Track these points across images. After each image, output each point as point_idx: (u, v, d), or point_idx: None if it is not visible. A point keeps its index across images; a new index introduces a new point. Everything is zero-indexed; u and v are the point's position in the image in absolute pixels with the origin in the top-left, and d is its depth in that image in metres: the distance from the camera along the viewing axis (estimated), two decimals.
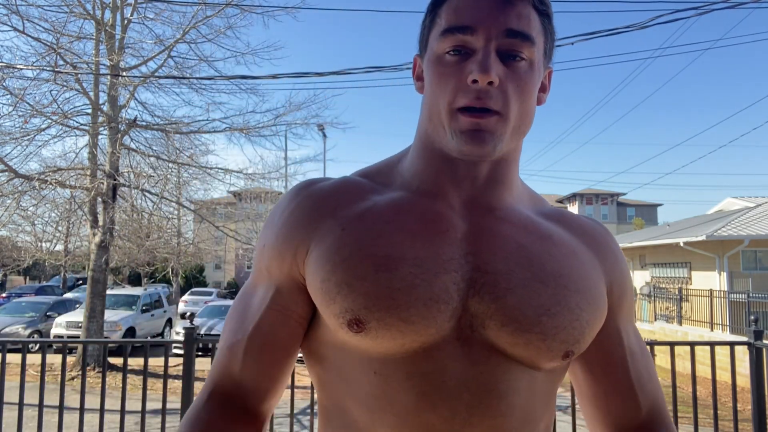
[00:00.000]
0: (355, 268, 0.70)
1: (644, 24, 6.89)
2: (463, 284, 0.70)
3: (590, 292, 0.74)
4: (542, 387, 0.74)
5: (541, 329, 0.69)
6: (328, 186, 0.79)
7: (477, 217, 0.75)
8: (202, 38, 11.18)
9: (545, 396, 0.75)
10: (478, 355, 0.69)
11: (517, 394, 0.70)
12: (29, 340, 5.99)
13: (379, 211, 0.74)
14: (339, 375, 0.74)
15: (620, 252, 0.83)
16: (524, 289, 0.70)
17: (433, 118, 0.73)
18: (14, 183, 10.71)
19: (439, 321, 0.68)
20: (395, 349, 0.69)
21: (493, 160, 0.75)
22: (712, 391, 3.41)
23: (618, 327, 0.80)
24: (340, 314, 0.69)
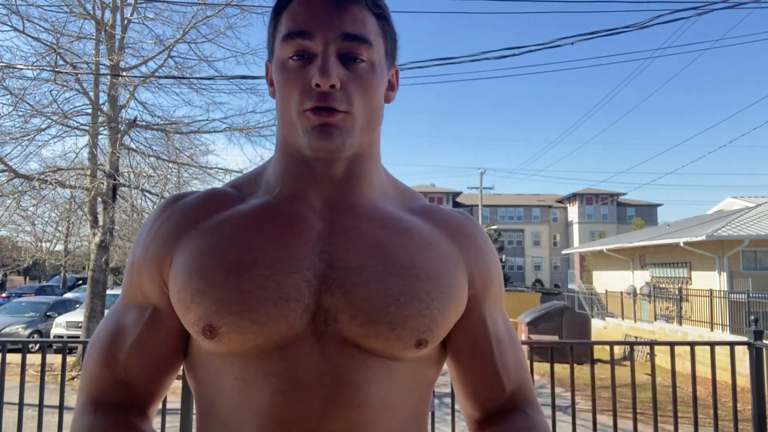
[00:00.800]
0: (207, 275, 0.72)
1: (644, 24, 6.89)
2: (316, 281, 0.72)
3: (443, 281, 0.76)
4: (403, 377, 0.75)
5: (389, 319, 0.71)
6: (192, 199, 0.81)
7: (335, 216, 0.77)
8: (202, 38, 11.19)
9: (408, 386, 0.76)
10: (333, 350, 0.71)
11: (373, 386, 0.72)
12: (29, 340, 5.98)
13: (238, 217, 0.77)
14: (208, 383, 0.76)
15: (486, 243, 0.85)
16: (374, 282, 0.72)
17: (286, 121, 0.76)
18: (14, 183, 10.72)
19: (291, 319, 0.70)
20: (251, 351, 0.71)
21: (349, 158, 0.78)
22: (712, 391, 3.41)
23: (483, 316, 0.82)
24: (194, 322, 0.72)
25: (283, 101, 0.75)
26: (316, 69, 0.71)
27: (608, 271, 24.55)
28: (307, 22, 0.73)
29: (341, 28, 0.72)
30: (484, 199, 39.02)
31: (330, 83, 0.70)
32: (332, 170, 0.78)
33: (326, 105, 0.71)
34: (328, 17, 0.73)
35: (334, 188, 0.78)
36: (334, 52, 0.72)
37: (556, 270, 47.16)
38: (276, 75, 0.76)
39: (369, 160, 0.81)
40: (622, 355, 13.66)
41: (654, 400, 3.35)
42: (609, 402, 3.28)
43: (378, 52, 0.76)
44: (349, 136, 0.74)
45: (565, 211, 49.40)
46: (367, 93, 0.74)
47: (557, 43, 7.28)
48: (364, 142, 0.78)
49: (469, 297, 0.80)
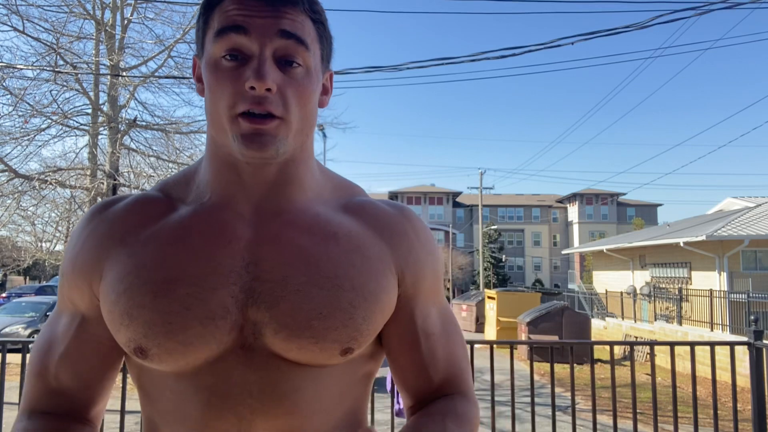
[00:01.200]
0: (135, 296, 0.71)
1: (644, 24, 6.89)
2: (242, 296, 0.71)
3: (368, 287, 0.75)
4: (334, 380, 0.76)
5: (311, 333, 0.71)
6: (120, 209, 0.79)
7: (263, 224, 0.76)
8: None
9: (340, 386, 0.77)
10: (260, 361, 0.71)
11: (300, 392, 0.73)
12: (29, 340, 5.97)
13: (167, 231, 0.75)
14: (146, 394, 0.78)
15: (418, 238, 0.83)
16: (297, 295, 0.71)
17: (215, 122, 0.73)
18: (14, 183, 10.71)
19: (218, 336, 0.70)
20: (182, 367, 0.72)
21: (280, 163, 0.76)
22: (712, 391, 3.41)
23: (412, 312, 0.82)
24: (125, 344, 0.73)
25: (213, 103, 0.72)
26: (251, 71, 0.68)
27: (608, 271, 24.55)
28: (242, 18, 0.70)
29: (279, 25, 0.70)
30: (484, 199, 39.02)
31: (266, 86, 0.68)
32: (263, 175, 0.76)
33: (261, 109, 0.69)
34: (265, 15, 0.70)
35: (264, 193, 0.77)
36: (271, 55, 0.70)
37: (556, 270, 47.15)
38: (207, 74, 0.73)
39: (301, 163, 0.79)
40: (622, 355, 13.67)
41: (654, 400, 3.35)
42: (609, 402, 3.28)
43: (314, 56, 0.74)
44: (283, 143, 0.72)
45: (565, 211, 49.40)
46: (303, 98, 0.72)
47: (557, 43, 7.28)
48: (296, 146, 0.76)
49: (399, 294, 0.80)
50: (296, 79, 0.72)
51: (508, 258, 44.48)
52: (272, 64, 0.70)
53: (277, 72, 0.70)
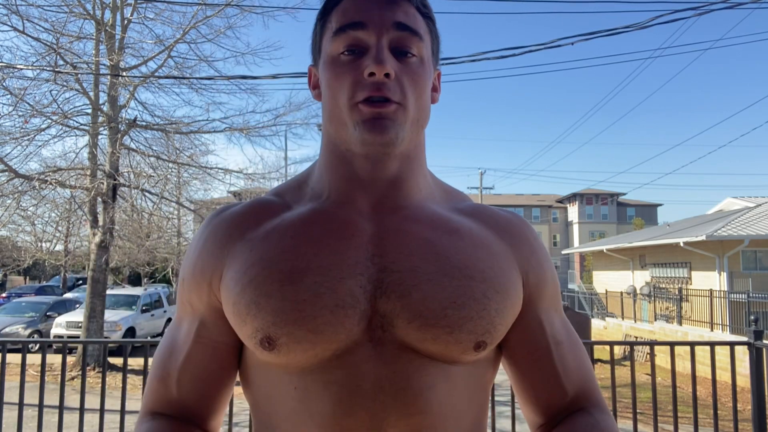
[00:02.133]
0: (261, 286, 0.71)
1: (644, 24, 6.89)
2: (370, 286, 0.71)
3: (498, 281, 0.74)
4: (464, 381, 0.74)
5: (447, 322, 0.69)
6: (237, 210, 0.80)
7: (384, 219, 0.76)
8: (202, 38, 11.19)
9: (469, 390, 0.75)
10: (391, 355, 0.70)
11: (434, 390, 0.70)
12: (29, 340, 5.98)
13: (286, 226, 0.76)
14: (264, 395, 0.76)
15: (538, 243, 0.83)
16: (429, 284, 0.71)
17: (334, 118, 0.75)
18: (14, 183, 10.71)
19: (348, 326, 0.69)
20: (310, 360, 0.70)
21: (396, 159, 0.76)
22: (712, 391, 3.40)
23: (539, 317, 0.80)
24: (252, 335, 0.71)
25: (332, 96, 0.74)
26: (370, 59, 0.71)
27: (608, 271, 24.55)
28: (359, 14, 0.73)
29: (394, 18, 0.73)
30: (484, 199, 39.02)
31: (385, 71, 0.70)
32: (380, 171, 0.76)
33: (380, 95, 0.70)
34: (381, 9, 0.73)
35: (382, 190, 0.77)
36: (387, 45, 0.72)
37: (556, 270, 47.10)
38: (325, 71, 0.75)
39: (415, 161, 0.79)
40: (622, 355, 13.67)
41: (654, 400, 3.35)
42: (609, 402, 3.28)
43: (426, 48, 0.76)
44: (402, 128, 0.72)
45: (565, 211, 49.40)
46: (418, 87, 0.74)
47: (557, 43, 7.28)
48: (412, 140, 0.77)
49: (524, 298, 0.78)
50: (412, 68, 0.74)
51: None
52: (389, 53, 0.72)
53: (394, 60, 0.72)
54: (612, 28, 7.06)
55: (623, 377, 10.15)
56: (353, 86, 0.71)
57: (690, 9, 6.93)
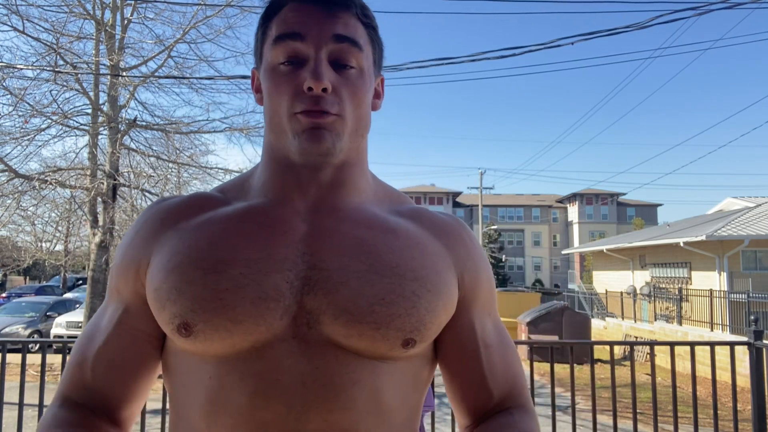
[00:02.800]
0: (185, 273, 0.71)
1: (644, 24, 6.89)
2: (298, 282, 0.71)
3: (430, 280, 0.75)
4: (394, 378, 0.73)
5: (373, 318, 0.69)
6: (175, 201, 0.82)
7: (319, 219, 0.77)
8: (202, 38, 11.19)
9: (401, 388, 0.75)
10: (315, 351, 0.69)
11: (358, 387, 0.70)
12: (29, 340, 5.97)
13: (219, 219, 0.77)
14: (181, 384, 0.75)
15: (475, 245, 0.84)
16: (358, 281, 0.71)
17: (274, 126, 0.76)
18: (14, 183, 10.71)
19: (269, 319, 0.69)
20: (226, 350, 0.69)
21: (336, 165, 0.77)
22: (712, 391, 3.41)
23: (471, 320, 0.81)
24: (169, 320, 0.71)
25: (272, 106, 0.75)
26: (308, 72, 0.71)
27: (608, 271, 24.55)
28: (298, 25, 0.74)
29: (333, 30, 0.74)
30: (484, 199, 39.02)
31: (323, 86, 0.71)
32: (319, 177, 0.77)
33: (318, 109, 0.71)
34: (319, 21, 0.74)
35: (320, 194, 0.78)
36: (326, 57, 0.73)
37: (556, 270, 47.15)
38: (266, 80, 0.77)
39: (356, 166, 0.80)
40: (622, 355, 13.67)
41: (654, 400, 3.35)
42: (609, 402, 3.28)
43: (367, 58, 0.77)
44: (339, 138, 0.74)
45: (565, 211, 49.40)
46: (357, 98, 0.75)
47: (557, 43, 7.28)
48: (352, 148, 0.78)
49: (459, 299, 0.79)
50: (350, 80, 0.75)
51: (508, 258, 44.49)
52: (327, 65, 0.73)
53: (332, 73, 0.73)
54: (612, 28, 7.07)
55: (623, 377, 10.14)
56: (292, 99, 0.72)
57: (690, 9, 6.94)
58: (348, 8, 0.75)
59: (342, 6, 0.75)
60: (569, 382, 3.31)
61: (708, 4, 6.94)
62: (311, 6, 0.74)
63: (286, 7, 0.76)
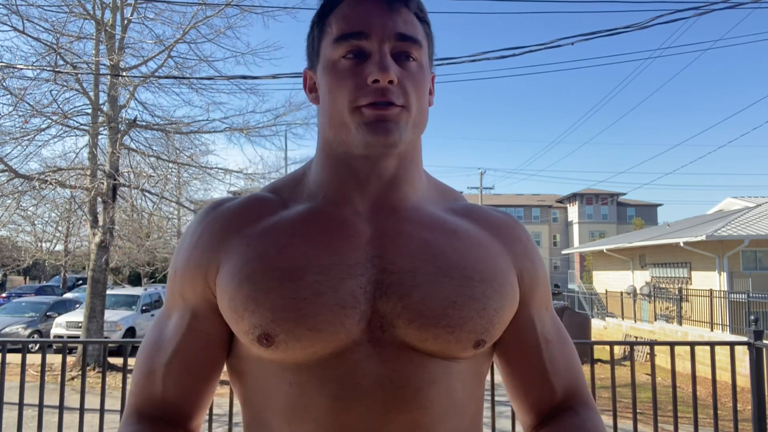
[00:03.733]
0: (260, 282, 0.71)
1: (644, 24, 6.89)
2: (370, 287, 0.71)
3: (497, 280, 0.75)
4: (463, 377, 0.75)
5: (447, 321, 0.70)
6: (234, 205, 0.80)
7: (382, 220, 0.77)
8: (202, 38, 11.18)
9: (468, 385, 0.76)
10: (390, 354, 0.70)
11: (434, 387, 0.71)
12: (29, 340, 5.98)
13: (285, 224, 0.76)
14: (257, 389, 0.75)
15: (531, 243, 0.85)
16: (429, 284, 0.72)
17: (334, 121, 0.75)
18: (14, 183, 10.70)
19: (348, 325, 0.69)
20: (308, 357, 0.70)
21: (394, 159, 0.77)
22: (712, 391, 3.40)
23: (531, 315, 0.82)
24: (249, 331, 0.70)
25: (333, 100, 0.74)
26: (374, 65, 0.71)
27: (608, 271, 24.54)
28: (361, 23, 0.73)
29: (395, 28, 0.73)
30: (484, 199, 39.01)
31: (389, 78, 0.70)
32: (378, 172, 0.77)
33: (385, 100, 0.71)
34: (382, 18, 0.73)
35: (380, 191, 0.78)
36: (389, 50, 0.73)
37: (556, 270, 47.13)
38: (325, 75, 0.76)
39: (413, 162, 0.80)
40: (622, 355, 13.66)
41: (654, 400, 3.35)
42: (609, 402, 3.28)
43: (425, 53, 0.77)
44: (405, 130, 0.73)
45: (565, 211, 49.39)
46: (419, 90, 0.75)
47: (557, 43, 7.28)
48: (411, 142, 0.77)
49: (519, 296, 0.80)
50: (412, 72, 0.74)
51: None
52: (391, 58, 0.73)
53: (396, 66, 0.73)
54: (612, 28, 7.06)
55: (623, 377, 10.14)
56: (355, 91, 0.72)
57: (690, 9, 6.93)
58: (407, 3, 0.75)
59: (402, 1, 0.75)
60: None
61: (708, 3, 6.93)
62: (371, 1, 0.74)
63: (345, 4, 0.75)
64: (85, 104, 11.13)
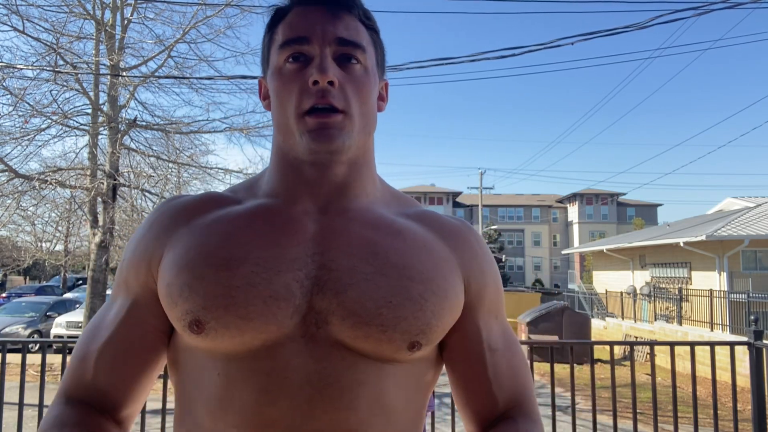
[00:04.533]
0: (196, 269, 0.72)
1: (644, 24, 6.89)
2: (308, 282, 0.72)
3: (437, 283, 0.75)
4: (399, 380, 0.74)
5: (380, 321, 0.70)
6: (187, 199, 0.83)
7: (328, 219, 0.78)
8: (202, 38, 11.18)
9: (406, 390, 0.75)
10: (323, 351, 0.70)
11: (365, 387, 0.71)
12: (29, 340, 5.98)
13: (232, 217, 0.78)
14: (189, 380, 0.76)
15: (481, 248, 0.84)
16: (366, 283, 0.72)
17: (282, 127, 0.77)
18: (14, 183, 10.71)
19: (280, 318, 0.70)
20: (236, 348, 0.70)
21: (344, 164, 0.78)
22: (712, 391, 3.41)
23: (477, 324, 0.81)
24: (181, 316, 0.71)
25: (280, 106, 0.76)
26: (314, 68, 0.73)
27: (608, 271, 24.54)
28: (303, 29, 0.75)
29: (336, 33, 0.75)
30: (484, 199, 39.01)
31: (328, 79, 0.72)
32: (328, 176, 0.78)
33: (325, 102, 0.72)
34: (324, 24, 0.75)
35: (329, 193, 0.79)
36: (331, 54, 0.75)
37: (556, 270, 47.13)
38: (272, 82, 0.78)
39: (364, 166, 0.81)
40: (622, 355, 13.66)
41: (654, 400, 3.35)
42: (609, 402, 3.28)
43: (370, 58, 0.79)
44: (349, 136, 0.74)
45: (565, 211, 49.39)
46: (363, 94, 0.76)
47: (557, 43, 7.28)
48: (360, 147, 0.79)
49: (465, 303, 0.79)
50: (355, 75, 0.76)
51: (508, 258, 44.44)
52: (332, 61, 0.74)
53: (337, 69, 0.74)
54: (612, 28, 7.07)
55: (623, 377, 10.14)
56: (299, 96, 0.73)
57: (690, 9, 6.93)
58: (350, 10, 0.77)
59: (344, 8, 0.77)
60: (569, 382, 3.31)
61: (708, 3, 6.94)
62: (314, 9, 0.76)
63: (291, 12, 0.78)
64: (85, 104, 11.14)
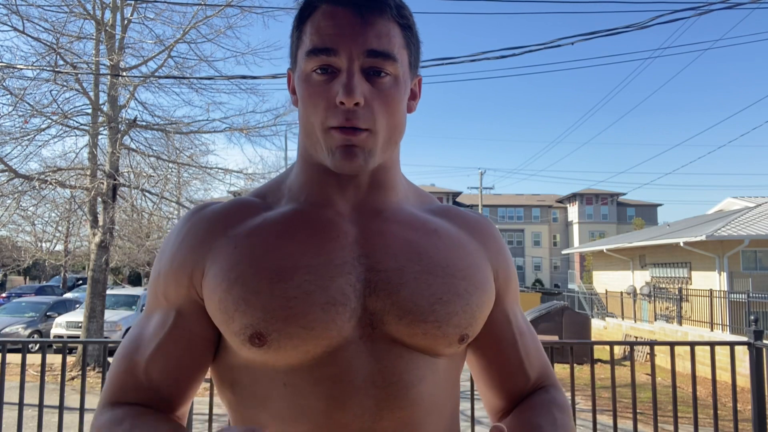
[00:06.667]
0: (250, 283, 0.72)
1: (644, 24, 6.89)
2: (359, 285, 0.73)
3: (476, 278, 0.80)
4: (445, 374, 0.78)
5: (435, 317, 0.74)
6: (218, 208, 0.81)
7: (365, 221, 0.79)
8: (202, 38, 11.18)
9: (449, 383, 0.80)
10: (381, 350, 0.72)
11: (423, 383, 0.74)
12: (29, 340, 5.98)
13: (270, 226, 0.77)
14: (250, 395, 0.75)
15: (503, 242, 0.90)
16: (416, 282, 0.75)
17: (310, 135, 0.77)
18: (14, 183, 10.70)
19: (339, 323, 0.71)
20: (300, 357, 0.71)
21: (370, 173, 0.80)
22: (712, 391, 3.41)
23: (506, 310, 0.87)
24: (240, 331, 0.71)
25: (307, 115, 0.75)
26: (340, 86, 0.71)
27: (608, 271, 24.54)
28: (332, 38, 0.72)
29: (366, 44, 0.72)
30: (484, 199, 39.02)
31: (354, 101, 0.70)
32: (357, 180, 0.79)
33: (350, 125, 0.71)
34: (353, 33, 0.72)
35: (360, 195, 0.80)
36: (359, 68, 0.72)
37: (556, 270, 47.13)
38: (300, 88, 0.76)
39: (390, 169, 0.82)
40: (622, 355, 13.66)
41: (654, 400, 3.35)
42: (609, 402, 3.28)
43: (402, 65, 0.76)
44: (372, 155, 0.74)
45: (565, 211, 49.39)
46: (390, 108, 0.74)
47: (557, 43, 7.28)
48: (384, 158, 0.79)
49: (495, 292, 0.84)
50: (384, 90, 0.74)
51: None
52: (360, 77, 0.72)
53: (365, 84, 0.72)
54: (612, 28, 7.07)
55: (623, 377, 10.14)
56: (324, 111, 0.72)
57: (690, 9, 6.94)
58: (383, 12, 0.73)
59: (376, 10, 0.73)
60: (569, 382, 3.31)
61: (708, 4, 6.94)
62: (345, 11, 0.72)
63: (320, 11, 0.74)
64: (85, 104, 11.13)
